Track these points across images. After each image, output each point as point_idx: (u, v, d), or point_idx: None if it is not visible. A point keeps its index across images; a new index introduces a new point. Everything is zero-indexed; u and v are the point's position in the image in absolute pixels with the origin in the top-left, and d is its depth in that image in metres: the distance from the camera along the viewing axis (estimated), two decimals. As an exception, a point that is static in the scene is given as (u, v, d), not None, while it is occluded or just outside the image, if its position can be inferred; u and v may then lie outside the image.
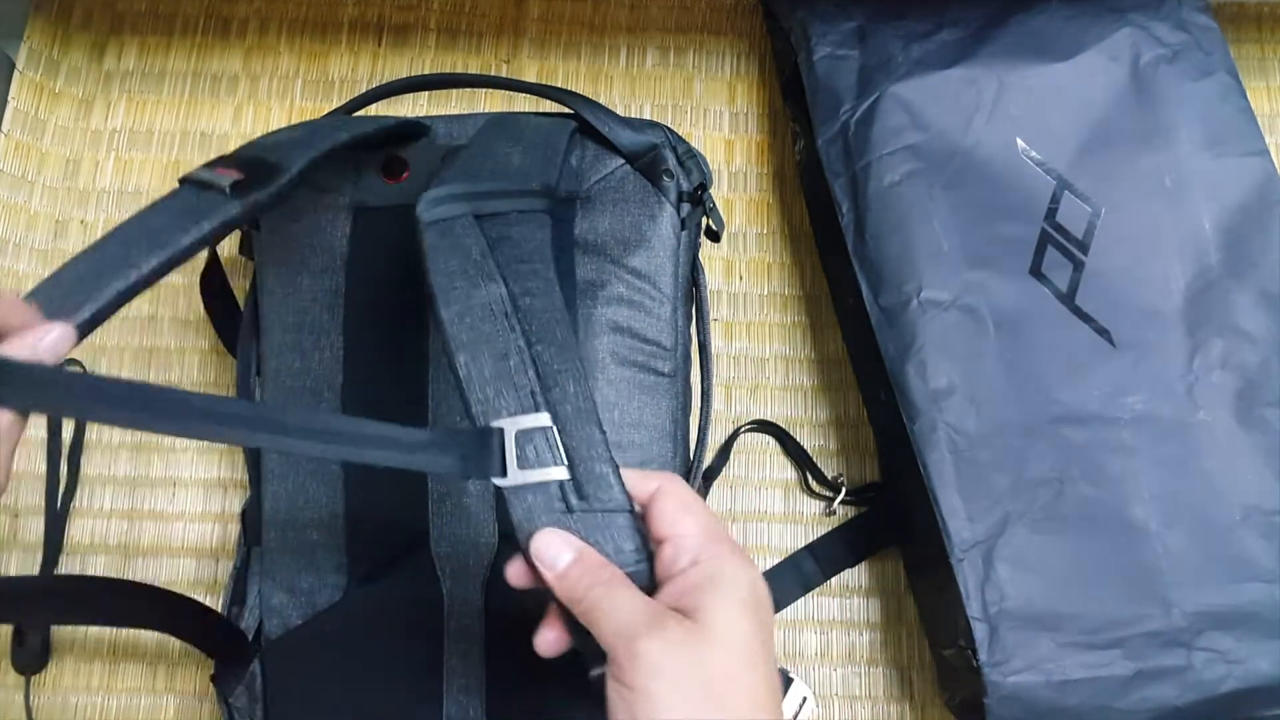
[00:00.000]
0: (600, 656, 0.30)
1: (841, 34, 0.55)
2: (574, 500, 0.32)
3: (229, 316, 0.58)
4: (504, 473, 0.32)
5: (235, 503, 0.57)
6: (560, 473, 0.32)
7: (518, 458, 0.32)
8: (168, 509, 0.57)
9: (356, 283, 0.48)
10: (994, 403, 0.48)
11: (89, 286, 0.33)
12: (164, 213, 0.37)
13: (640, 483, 0.33)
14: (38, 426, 0.58)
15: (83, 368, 0.59)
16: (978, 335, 0.49)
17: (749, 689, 0.28)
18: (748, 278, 0.61)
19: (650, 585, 0.31)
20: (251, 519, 0.48)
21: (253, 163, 0.39)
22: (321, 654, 0.45)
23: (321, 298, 0.48)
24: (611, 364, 0.46)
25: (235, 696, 0.45)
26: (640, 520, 0.33)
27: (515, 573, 0.32)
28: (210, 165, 0.39)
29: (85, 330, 0.33)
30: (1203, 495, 0.47)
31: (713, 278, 0.61)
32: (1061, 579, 0.46)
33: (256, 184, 0.38)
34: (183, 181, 0.39)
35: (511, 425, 0.32)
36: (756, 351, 0.60)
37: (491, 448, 0.32)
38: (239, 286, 0.58)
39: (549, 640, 0.32)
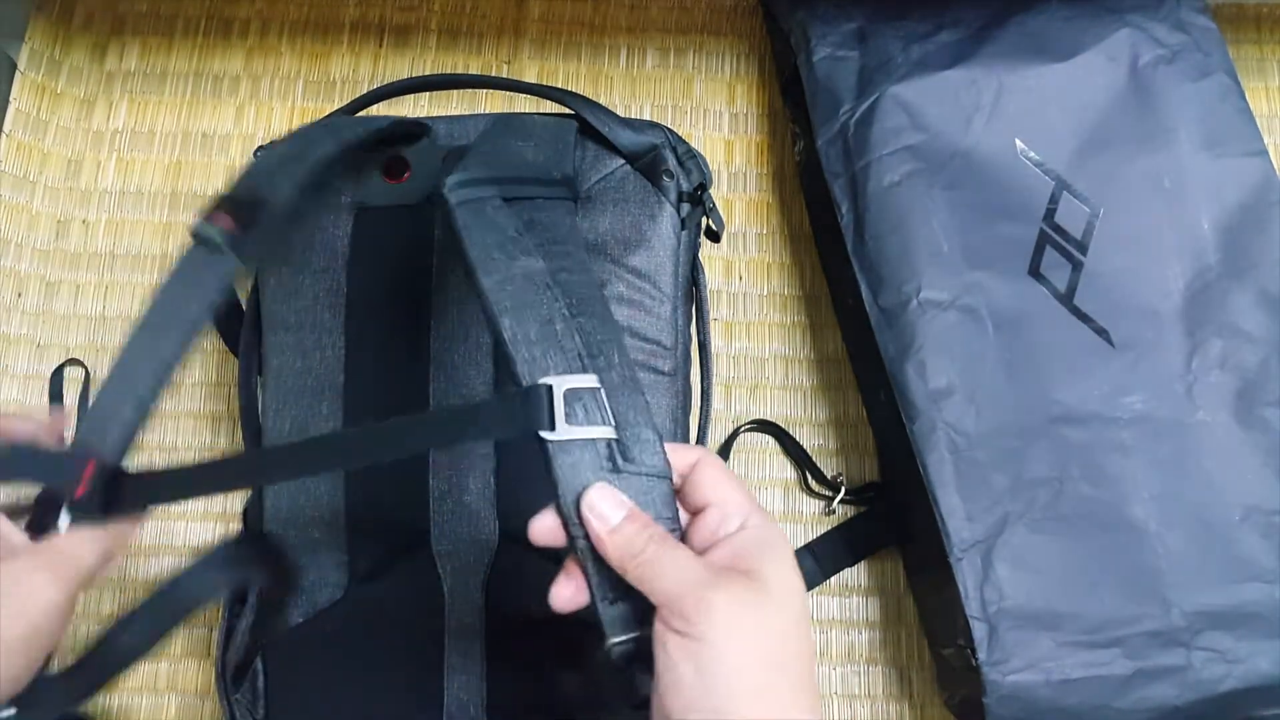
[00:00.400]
0: (626, 623, 0.30)
1: (841, 35, 0.55)
2: (621, 461, 0.32)
3: (230, 316, 0.58)
4: (553, 426, 0.32)
5: (236, 501, 0.57)
6: (608, 432, 0.32)
7: (566, 414, 0.32)
8: (169, 509, 0.57)
9: (357, 282, 0.48)
10: (993, 403, 0.48)
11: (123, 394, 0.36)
12: (173, 294, 0.38)
13: (679, 455, 0.33)
14: (39, 426, 0.58)
15: (85, 368, 0.59)
16: (977, 335, 0.49)
17: (804, 655, 0.29)
18: (748, 278, 0.61)
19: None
20: (253, 517, 0.48)
21: (243, 202, 0.39)
22: (322, 652, 0.45)
23: (322, 297, 0.48)
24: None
25: (238, 694, 0.45)
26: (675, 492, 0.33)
27: (542, 528, 0.32)
28: (209, 212, 0.39)
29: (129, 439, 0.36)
30: (1202, 495, 0.47)
31: (713, 278, 0.61)
32: (1061, 578, 0.46)
33: (248, 228, 0.38)
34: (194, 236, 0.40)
35: (560, 383, 0.32)
36: (756, 351, 0.60)
37: (541, 403, 0.32)
38: (240, 286, 0.58)
39: (565, 596, 0.32)
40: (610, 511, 0.31)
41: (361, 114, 0.53)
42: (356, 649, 0.45)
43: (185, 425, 0.58)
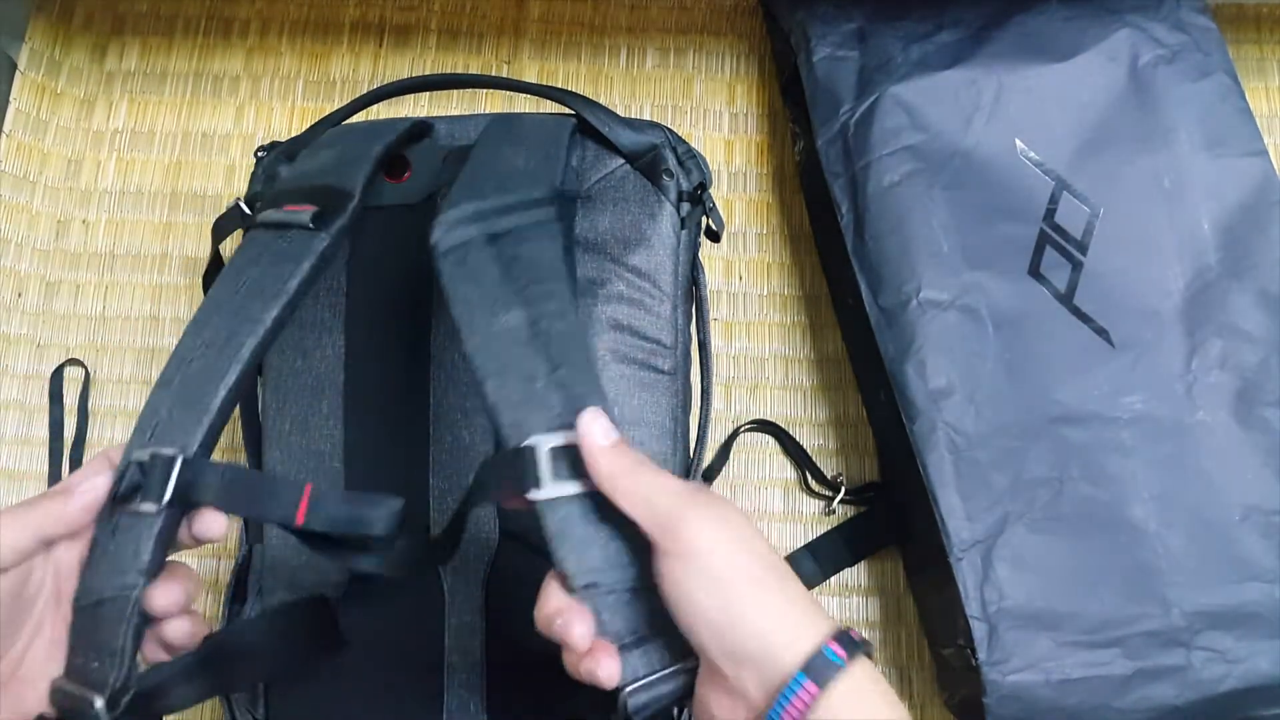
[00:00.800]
0: (648, 661, 0.32)
1: (841, 35, 0.55)
2: (606, 512, 0.32)
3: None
4: (539, 485, 0.33)
5: (236, 502, 0.57)
6: (593, 485, 0.33)
7: (552, 472, 0.33)
8: (169, 508, 0.57)
9: (358, 281, 0.48)
10: (993, 403, 0.48)
11: (224, 360, 0.36)
12: (256, 264, 0.38)
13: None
14: (39, 425, 0.58)
15: (85, 368, 0.59)
16: (977, 335, 0.49)
17: (776, 555, 0.31)
18: (748, 278, 0.61)
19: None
20: (253, 523, 0.48)
21: (320, 192, 0.41)
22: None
23: (322, 296, 0.48)
24: (611, 361, 0.46)
25: (238, 695, 0.45)
26: None
27: (545, 614, 0.33)
28: (274, 206, 0.40)
29: (231, 405, 0.36)
30: (1202, 495, 0.47)
31: (713, 277, 0.61)
32: (1061, 578, 0.46)
33: (333, 211, 0.40)
34: (249, 229, 0.40)
35: (543, 442, 0.33)
36: (756, 351, 0.60)
37: (526, 464, 0.33)
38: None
39: (574, 665, 0.33)
40: (603, 432, 0.32)
41: (360, 114, 0.53)
42: (357, 648, 0.45)
43: (185, 425, 0.58)
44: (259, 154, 0.52)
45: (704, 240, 0.52)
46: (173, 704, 0.35)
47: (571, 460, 0.33)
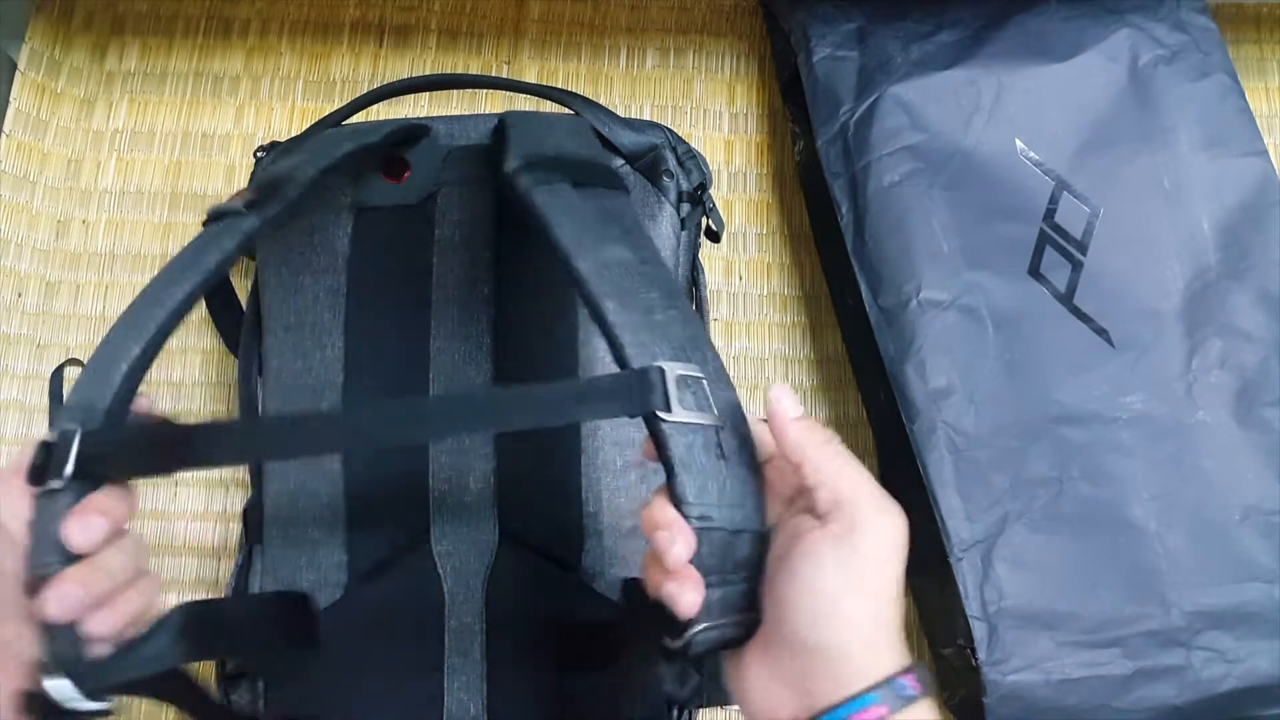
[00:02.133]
0: (725, 608, 0.31)
1: (841, 35, 0.55)
2: (726, 449, 0.33)
3: (231, 316, 0.58)
4: (669, 408, 0.32)
5: (237, 501, 0.57)
6: (715, 420, 0.33)
7: (678, 399, 0.32)
8: (169, 508, 0.57)
9: (357, 282, 0.48)
10: (993, 403, 0.48)
11: (131, 336, 0.35)
12: (191, 249, 0.39)
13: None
14: (39, 425, 0.58)
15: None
16: (977, 335, 0.49)
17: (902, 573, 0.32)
18: (747, 278, 0.61)
19: (765, 533, 0.33)
20: (253, 517, 0.48)
21: (264, 184, 0.41)
22: (322, 652, 0.45)
23: (323, 297, 0.48)
24: (612, 361, 0.46)
25: (237, 694, 0.45)
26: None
27: (653, 517, 0.32)
28: (231, 197, 0.42)
29: (139, 375, 0.35)
30: (1202, 495, 0.47)
31: (713, 278, 0.61)
32: (1060, 578, 0.46)
33: (268, 198, 0.40)
34: (206, 223, 0.41)
35: (671, 369, 0.33)
36: (756, 351, 0.60)
37: (656, 385, 0.32)
38: (240, 286, 0.59)
39: (659, 584, 0.32)
40: (792, 405, 0.33)
41: (361, 115, 0.53)
42: (356, 649, 0.45)
43: (185, 425, 0.58)
44: (258, 154, 0.52)
45: (704, 240, 0.52)
46: (140, 666, 0.34)
47: (695, 392, 0.33)
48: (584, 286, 0.35)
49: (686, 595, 0.31)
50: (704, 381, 0.33)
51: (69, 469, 0.32)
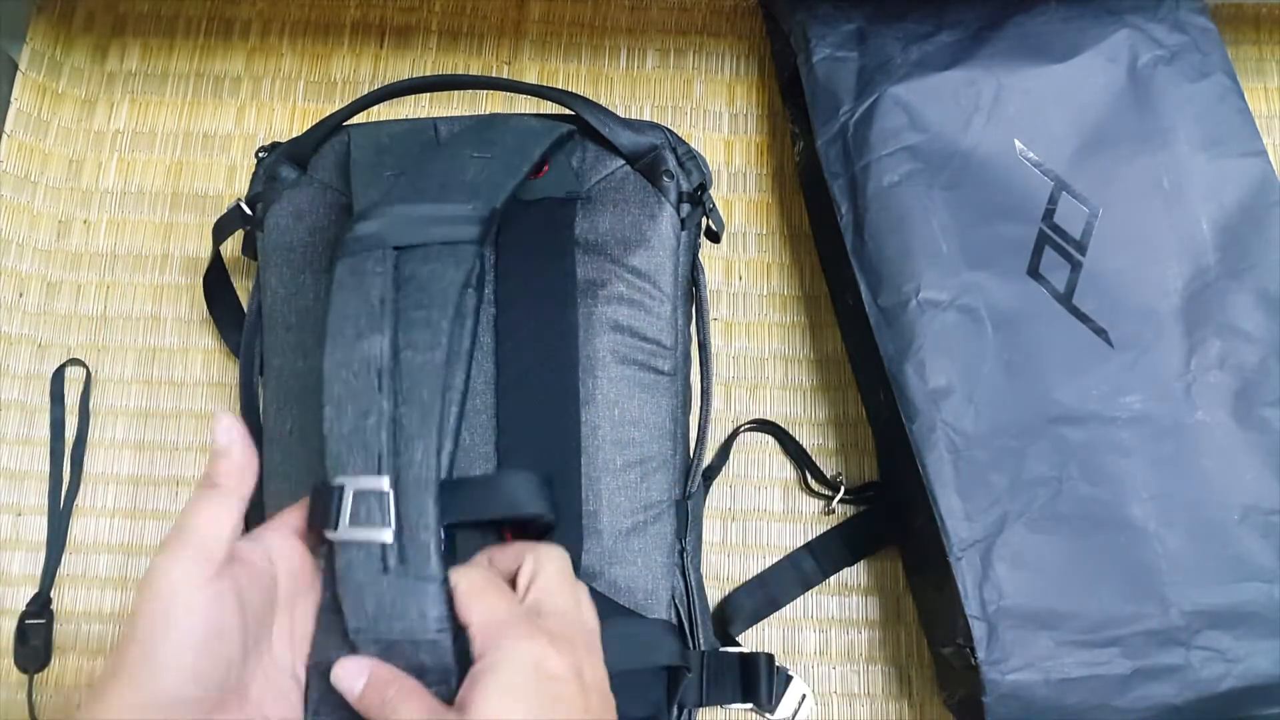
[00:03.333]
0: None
1: (841, 35, 0.55)
2: (393, 563, 0.33)
3: (232, 316, 0.58)
4: (335, 527, 0.34)
5: (237, 502, 0.57)
6: (386, 535, 0.34)
7: (351, 514, 0.34)
8: (171, 508, 0.57)
9: None
10: (992, 403, 0.48)
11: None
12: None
13: (508, 556, 0.36)
14: (40, 425, 0.58)
15: (86, 368, 0.59)
16: (976, 335, 0.49)
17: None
18: (747, 278, 0.61)
19: (459, 653, 0.33)
20: (254, 519, 0.48)
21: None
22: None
23: (325, 297, 0.47)
24: (612, 362, 0.46)
25: None
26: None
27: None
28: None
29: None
30: (1201, 495, 0.47)
31: (712, 277, 0.61)
32: (1060, 578, 0.46)
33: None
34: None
35: (353, 484, 0.34)
36: (756, 351, 0.60)
37: (330, 502, 0.34)
38: (242, 286, 0.59)
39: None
40: (352, 683, 0.33)
41: (361, 115, 0.53)
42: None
43: (186, 424, 0.59)
44: (260, 154, 0.52)
45: (704, 240, 0.52)
46: None
47: (370, 507, 0.34)
48: (321, 380, 0.36)
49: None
50: (387, 496, 0.34)
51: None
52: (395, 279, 0.38)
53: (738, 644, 0.54)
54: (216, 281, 0.57)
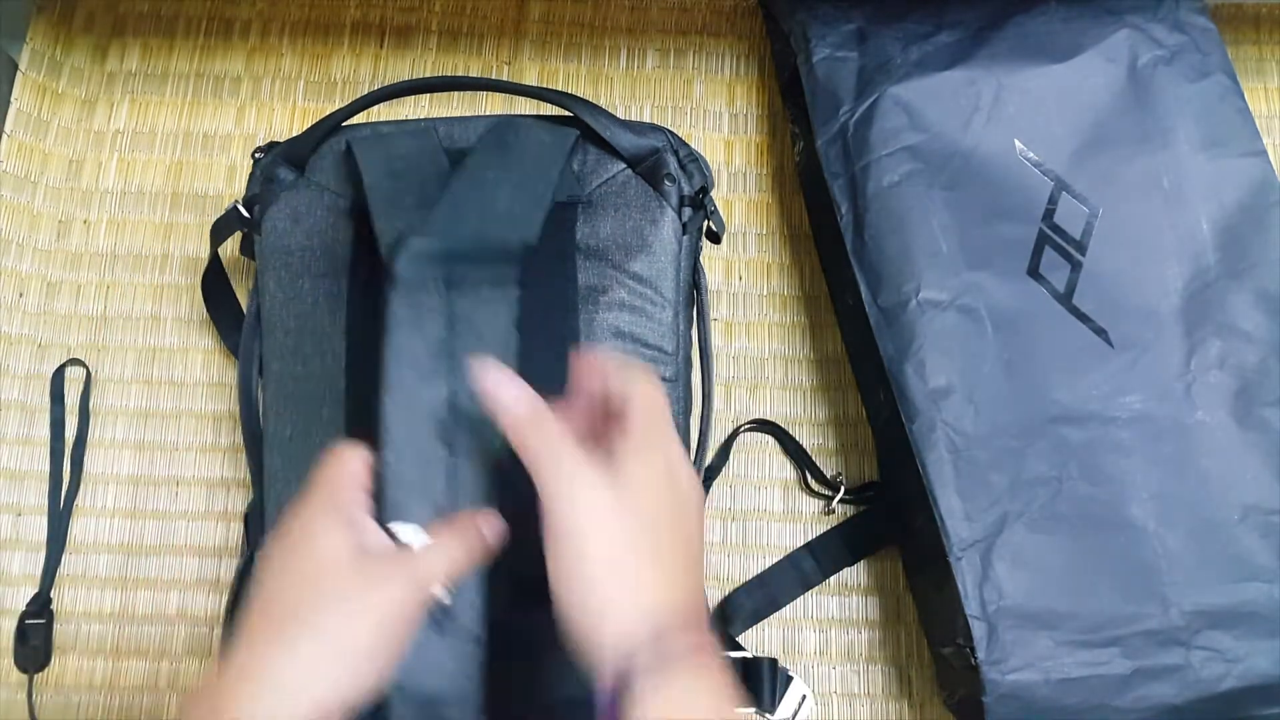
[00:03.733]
0: None
1: (841, 36, 0.55)
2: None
3: (231, 316, 0.58)
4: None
5: (238, 502, 0.57)
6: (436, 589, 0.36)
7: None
8: (171, 508, 0.57)
9: (358, 287, 0.48)
10: (992, 403, 0.48)
11: None
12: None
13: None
14: (40, 425, 0.58)
15: (86, 368, 0.59)
16: (976, 335, 0.49)
17: (668, 532, 0.33)
18: (747, 278, 0.61)
19: None
20: (254, 522, 0.48)
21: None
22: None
23: (323, 302, 0.48)
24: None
25: None
26: None
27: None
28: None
29: None
30: (1201, 494, 0.47)
31: (712, 277, 0.61)
32: (1060, 578, 0.46)
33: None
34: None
35: (407, 532, 0.36)
36: (756, 351, 0.60)
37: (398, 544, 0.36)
38: (242, 286, 0.59)
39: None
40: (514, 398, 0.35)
41: (361, 115, 0.53)
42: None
43: (186, 424, 0.59)
44: (257, 155, 0.52)
45: (704, 241, 0.52)
46: None
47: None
48: (380, 417, 0.38)
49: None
50: None
51: None
52: (449, 318, 0.40)
53: (739, 646, 0.54)
54: (215, 283, 0.57)
